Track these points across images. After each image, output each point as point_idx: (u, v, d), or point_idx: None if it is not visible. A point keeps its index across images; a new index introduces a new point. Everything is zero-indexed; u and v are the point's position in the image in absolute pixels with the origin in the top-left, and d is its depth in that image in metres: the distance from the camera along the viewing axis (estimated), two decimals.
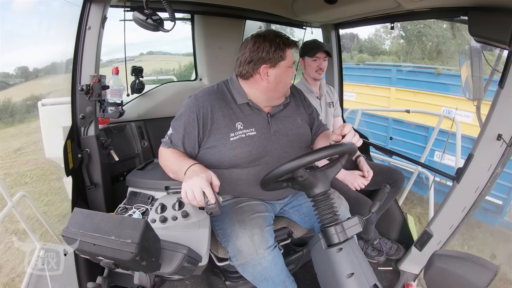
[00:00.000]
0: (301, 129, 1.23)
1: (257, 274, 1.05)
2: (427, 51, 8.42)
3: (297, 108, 1.26)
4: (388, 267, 1.69)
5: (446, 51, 7.70)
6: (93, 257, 0.75)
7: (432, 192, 2.20)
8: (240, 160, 1.11)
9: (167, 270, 0.79)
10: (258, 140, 1.12)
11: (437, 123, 2.66)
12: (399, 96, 5.19)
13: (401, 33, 9.55)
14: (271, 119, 1.17)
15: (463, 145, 2.44)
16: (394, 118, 4.70)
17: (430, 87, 4.83)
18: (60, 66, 7.48)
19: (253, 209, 1.12)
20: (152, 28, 1.04)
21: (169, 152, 1.12)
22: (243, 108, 1.14)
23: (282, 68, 1.11)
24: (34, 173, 4.63)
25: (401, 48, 9.55)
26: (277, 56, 1.08)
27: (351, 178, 1.54)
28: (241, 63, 1.12)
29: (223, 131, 1.10)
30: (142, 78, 1.76)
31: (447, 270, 0.99)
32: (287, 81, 1.15)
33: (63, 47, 4.45)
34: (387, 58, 9.05)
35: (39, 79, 7.87)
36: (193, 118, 1.09)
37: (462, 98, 4.63)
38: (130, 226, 0.70)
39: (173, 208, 0.99)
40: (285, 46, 1.09)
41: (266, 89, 1.13)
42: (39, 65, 8.33)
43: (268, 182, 1.00)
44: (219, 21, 1.94)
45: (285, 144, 1.17)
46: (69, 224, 0.72)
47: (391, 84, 5.32)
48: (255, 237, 1.02)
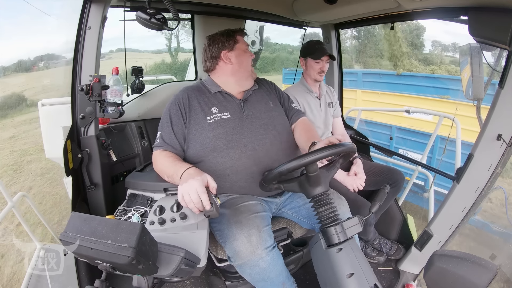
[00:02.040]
0: (273, 112, 1.32)
1: (255, 275, 1.04)
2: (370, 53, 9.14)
3: (268, 93, 1.39)
4: (388, 267, 1.69)
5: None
6: (91, 261, 0.76)
7: (432, 192, 2.20)
8: (219, 141, 1.18)
9: (165, 273, 0.79)
10: (232, 122, 1.22)
11: (437, 123, 2.66)
12: (365, 98, 5.51)
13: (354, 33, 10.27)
14: (243, 104, 1.28)
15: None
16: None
17: (393, 88, 5.26)
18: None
19: (250, 209, 1.11)
20: (157, 27, 1.05)
21: (163, 156, 1.14)
22: (216, 96, 1.28)
23: (239, 50, 1.29)
24: (36, 148, 5.20)
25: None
26: (231, 42, 1.28)
27: (350, 179, 1.54)
28: (206, 60, 1.32)
29: (200, 115, 1.21)
30: (142, 78, 1.76)
31: (447, 270, 0.99)
32: (248, 61, 1.31)
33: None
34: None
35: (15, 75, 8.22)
36: (176, 109, 1.22)
37: (423, 97, 4.78)
38: (127, 230, 0.70)
39: (171, 210, 0.99)
40: (234, 33, 1.30)
41: (232, 70, 1.28)
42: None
43: (269, 181, 1.01)
44: (219, 21, 1.94)
45: (259, 127, 1.24)
46: (67, 228, 0.73)
47: (357, 86, 5.67)
48: (253, 238, 1.01)
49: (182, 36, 15.24)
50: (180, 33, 15.04)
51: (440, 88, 4.80)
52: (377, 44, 10.69)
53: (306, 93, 1.78)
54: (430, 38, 11.12)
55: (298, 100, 1.71)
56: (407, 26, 10.17)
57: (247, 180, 1.19)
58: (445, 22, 1.43)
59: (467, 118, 3.37)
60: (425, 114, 4.36)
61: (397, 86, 5.25)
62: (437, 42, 11.60)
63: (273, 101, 1.36)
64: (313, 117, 1.75)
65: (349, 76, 5.98)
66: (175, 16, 1.04)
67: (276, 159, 1.21)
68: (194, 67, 2.13)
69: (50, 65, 9.72)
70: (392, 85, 5.34)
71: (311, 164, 0.94)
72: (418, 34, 10.74)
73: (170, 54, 15.16)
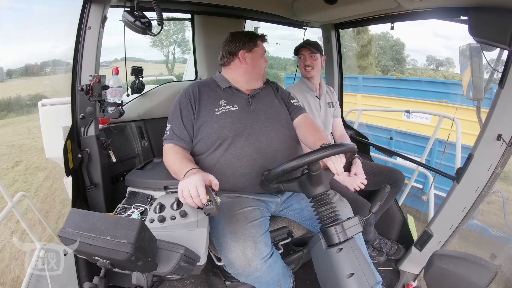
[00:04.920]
0: (278, 107, 1.39)
1: (251, 281, 1.06)
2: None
3: (273, 92, 1.46)
4: (388, 267, 1.69)
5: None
6: (89, 257, 0.76)
7: (432, 192, 2.20)
8: (225, 130, 1.22)
9: (164, 270, 0.79)
10: (239, 113, 1.27)
11: (437, 123, 2.66)
12: (365, 102, 5.58)
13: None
14: (251, 99, 1.33)
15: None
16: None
17: (392, 93, 5.37)
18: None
19: (247, 217, 1.09)
20: (140, 30, 1.03)
21: (173, 152, 1.18)
22: (226, 90, 1.34)
23: (256, 54, 1.35)
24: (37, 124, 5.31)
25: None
26: (251, 44, 1.34)
27: (350, 179, 1.54)
28: (223, 55, 1.37)
29: (209, 108, 1.26)
30: (142, 78, 1.76)
31: (447, 270, 0.99)
32: (262, 65, 1.38)
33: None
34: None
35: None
36: (186, 102, 1.27)
37: (422, 101, 4.79)
38: (126, 226, 0.70)
39: (171, 207, 0.99)
40: (256, 37, 1.36)
41: (246, 71, 1.34)
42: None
43: (271, 179, 1.01)
44: (219, 21, 1.94)
45: (265, 119, 1.30)
46: (65, 225, 0.72)
47: (357, 91, 5.77)
48: (247, 251, 1.00)
49: (180, 47, 15.94)
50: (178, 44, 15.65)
51: (439, 93, 4.88)
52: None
53: (306, 91, 1.78)
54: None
55: (298, 99, 1.72)
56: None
57: (248, 167, 1.20)
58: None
59: (466, 121, 3.36)
60: (424, 118, 4.40)
61: (397, 91, 5.37)
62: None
63: (277, 99, 1.43)
64: (312, 117, 1.75)
65: (350, 81, 6.07)
66: (159, 18, 1.03)
67: (277, 150, 1.24)
68: (194, 67, 2.13)
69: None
70: (391, 90, 5.45)
71: (314, 163, 0.95)
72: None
73: (167, 68, 15.71)
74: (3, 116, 8.11)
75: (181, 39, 17.28)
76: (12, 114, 8.24)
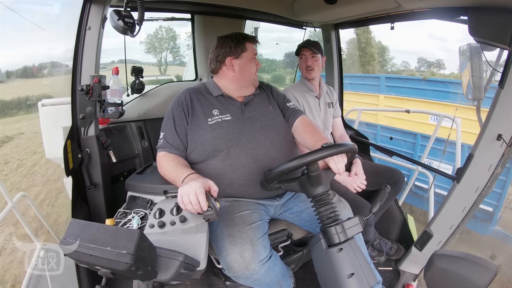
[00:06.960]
0: (273, 114, 1.33)
1: (250, 283, 1.06)
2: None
3: (267, 97, 1.40)
4: (388, 267, 1.69)
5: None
6: (91, 267, 0.76)
7: (432, 192, 2.20)
8: (219, 141, 1.18)
9: (164, 278, 0.79)
10: (233, 123, 1.23)
11: (437, 123, 2.66)
12: (387, 103, 5.27)
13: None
14: (244, 107, 1.29)
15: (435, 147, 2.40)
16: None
17: (418, 94, 4.98)
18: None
19: (245, 220, 1.09)
20: (121, 30, 1.02)
21: (167, 160, 1.15)
22: (218, 98, 1.29)
23: (245, 59, 1.28)
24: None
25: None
26: (238, 49, 1.27)
27: (350, 179, 1.54)
28: (211, 61, 1.32)
29: (202, 117, 1.22)
30: (142, 78, 1.76)
31: (447, 270, 0.99)
32: (252, 70, 1.31)
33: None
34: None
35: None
36: (179, 110, 1.23)
37: (448, 104, 4.55)
38: (125, 236, 0.70)
39: (171, 213, 0.99)
40: (244, 40, 1.28)
41: (234, 78, 1.29)
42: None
43: (270, 179, 1.01)
44: (219, 21, 1.94)
45: (260, 128, 1.25)
46: (66, 235, 0.73)
47: (379, 91, 5.39)
48: (245, 254, 1.00)
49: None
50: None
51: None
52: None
53: (306, 92, 1.78)
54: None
55: (298, 99, 1.72)
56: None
57: (245, 177, 1.19)
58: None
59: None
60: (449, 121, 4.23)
61: (424, 92, 4.95)
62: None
63: (272, 104, 1.38)
64: (312, 117, 1.75)
65: (371, 81, 5.69)
66: (139, 18, 1.02)
67: (275, 158, 1.21)
68: (194, 67, 2.13)
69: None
70: (418, 91, 5.03)
71: (312, 164, 0.94)
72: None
73: (159, 71, 17.13)
74: (14, 113, 8.70)
75: (172, 46, 19.36)
76: (22, 112, 8.74)
